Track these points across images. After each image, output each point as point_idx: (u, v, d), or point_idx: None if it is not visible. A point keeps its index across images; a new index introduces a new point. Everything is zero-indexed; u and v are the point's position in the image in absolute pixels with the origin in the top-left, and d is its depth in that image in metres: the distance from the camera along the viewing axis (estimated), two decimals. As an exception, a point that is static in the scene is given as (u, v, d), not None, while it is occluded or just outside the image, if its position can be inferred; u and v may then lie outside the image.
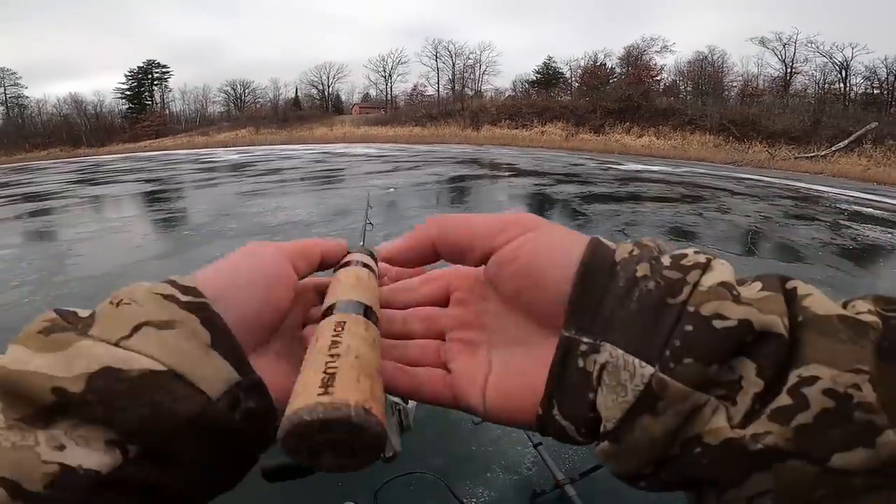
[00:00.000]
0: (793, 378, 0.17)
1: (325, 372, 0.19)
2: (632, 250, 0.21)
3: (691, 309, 0.19)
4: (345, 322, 0.22)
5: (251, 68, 69.91)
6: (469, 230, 0.24)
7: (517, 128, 29.74)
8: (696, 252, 0.21)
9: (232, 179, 12.73)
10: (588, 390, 0.20)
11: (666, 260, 0.20)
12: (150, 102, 45.43)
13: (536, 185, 10.52)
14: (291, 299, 0.25)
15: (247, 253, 0.25)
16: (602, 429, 0.20)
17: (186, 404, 0.18)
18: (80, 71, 64.28)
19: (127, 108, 44.95)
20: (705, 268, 0.20)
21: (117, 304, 0.20)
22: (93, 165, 21.48)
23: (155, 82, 45.78)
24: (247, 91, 46.67)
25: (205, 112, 46.83)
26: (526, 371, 0.23)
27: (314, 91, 46.94)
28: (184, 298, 0.20)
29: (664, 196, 9.30)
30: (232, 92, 46.71)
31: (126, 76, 45.21)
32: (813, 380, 0.17)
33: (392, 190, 9.57)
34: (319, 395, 0.18)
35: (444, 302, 0.28)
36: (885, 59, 27.62)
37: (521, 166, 14.57)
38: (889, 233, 6.92)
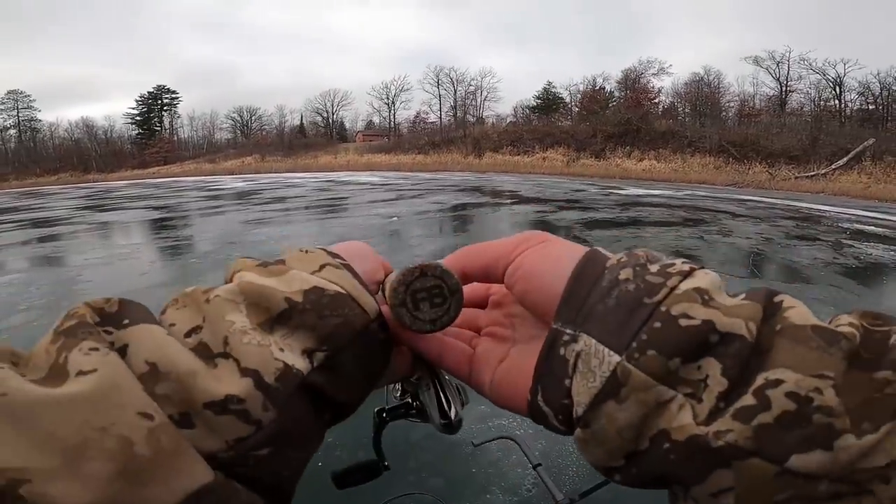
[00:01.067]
0: (759, 380, 0.18)
1: None
2: (621, 258, 0.24)
3: (663, 309, 0.20)
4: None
5: (258, 94, 71.58)
6: (491, 252, 0.28)
7: (519, 154, 30.03)
8: (684, 262, 0.23)
9: (238, 207, 12.93)
10: (565, 377, 0.22)
11: (654, 267, 0.22)
12: (158, 128, 46.31)
13: (538, 211, 10.61)
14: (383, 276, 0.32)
15: (352, 242, 0.32)
16: (574, 414, 0.22)
17: (359, 318, 0.25)
18: (92, 94, 66.12)
19: (137, 134, 45.84)
20: (686, 275, 0.22)
21: (305, 252, 0.27)
22: (102, 191, 21.86)
23: (164, 108, 46.75)
24: (253, 118, 47.71)
25: (212, 138, 47.77)
26: (528, 362, 0.25)
27: (319, 118, 47.90)
28: (335, 259, 0.27)
29: (665, 220, 9.36)
30: (239, 118, 47.77)
31: (136, 101, 46.31)
32: (777, 382, 0.18)
33: (395, 219, 9.68)
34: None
35: (483, 305, 0.33)
36: (878, 73, 27.76)
37: (523, 193, 14.72)
38: (892, 250, 6.91)
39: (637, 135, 27.84)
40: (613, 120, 29.77)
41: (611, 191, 15.72)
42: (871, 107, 28.88)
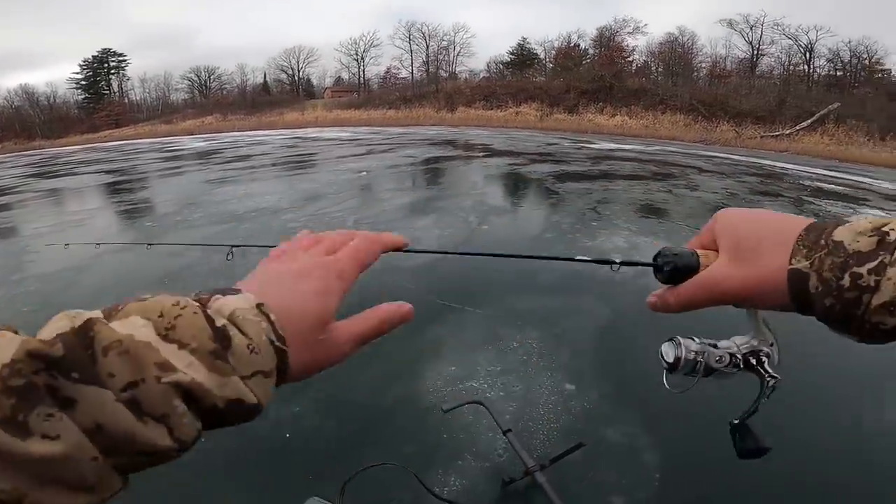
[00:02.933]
0: None
1: None
2: (817, 286, 0.34)
3: (867, 318, 0.32)
4: None
5: (216, 55, 66.78)
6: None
7: (492, 109, 29.52)
8: (869, 269, 0.32)
9: (198, 167, 12.29)
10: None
11: (846, 280, 0.32)
12: (107, 92, 43.41)
13: (511, 164, 10.48)
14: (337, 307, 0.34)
15: (301, 273, 0.34)
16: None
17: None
18: (30, 62, 60.39)
19: (83, 98, 42.87)
20: (874, 291, 0.31)
21: (250, 351, 0.28)
22: (50, 158, 20.43)
23: (111, 71, 43.71)
24: (212, 77, 44.89)
25: (167, 100, 44.94)
26: None
27: (283, 76, 45.54)
28: (276, 343, 0.29)
29: (636, 174, 9.40)
30: (196, 79, 44.87)
31: (80, 66, 42.92)
32: None
33: (364, 174, 9.39)
34: None
35: None
36: (849, 42, 28.45)
37: (496, 146, 14.50)
38: (851, 208, 7.16)
39: (610, 92, 27.67)
40: (587, 76, 29.48)
41: (583, 145, 15.66)
42: (839, 73, 29.57)
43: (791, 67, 30.36)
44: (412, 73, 40.39)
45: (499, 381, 2.31)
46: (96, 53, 43.21)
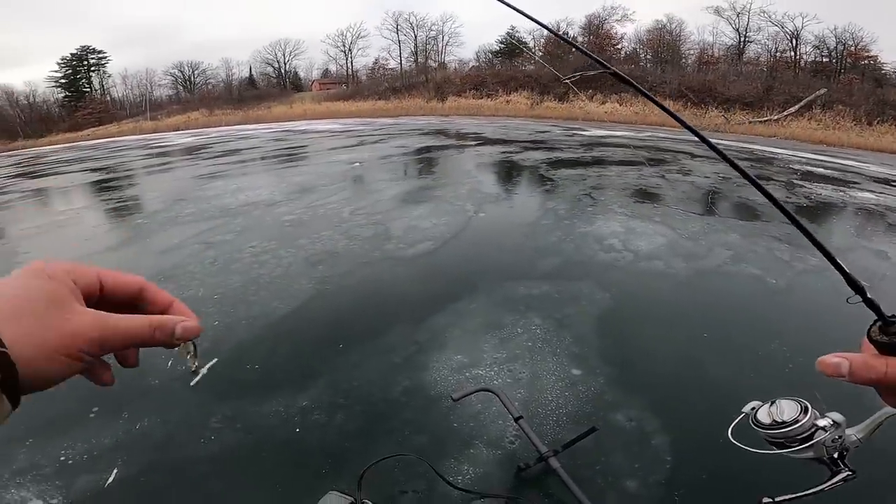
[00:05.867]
0: None
1: None
2: None
3: None
4: None
5: (199, 50, 64.96)
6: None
7: (482, 98, 29.48)
8: None
9: (186, 163, 12.11)
10: None
11: None
12: (88, 89, 42.56)
13: (503, 152, 10.45)
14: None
15: (31, 287, 0.31)
16: None
17: None
18: (5, 60, 58.87)
19: (63, 97, 41.98)
20: None
21: None
22: (32, 157, 20.04)
23: (91, 68, 42.83)
24: (196, 72, 44.17)
25: (151, 96, 44.14)
26: None
27: (270, 69, 44.98)
28: None
29: (628, 160, 9.41)
30: (180, 74, 44.14)
31: (58, 64, 42.01)
32: None
33: (357, 164, 9.30)
34: None
35: None
36: (835, 28, 28.76)
37: (488, 135, 14.44)
38: (841, 191, 7.23)
39: (599, 79, 27.72)
40: (576, 64, 29.49)
41: (574, 132, 15.65)
42: (825, 60, 29.83)
43: (778, 54, 30.71)
44: (401, 63, 40.13)
45: (506, 367, 2.31)
46: (75, 51, 42.38)
